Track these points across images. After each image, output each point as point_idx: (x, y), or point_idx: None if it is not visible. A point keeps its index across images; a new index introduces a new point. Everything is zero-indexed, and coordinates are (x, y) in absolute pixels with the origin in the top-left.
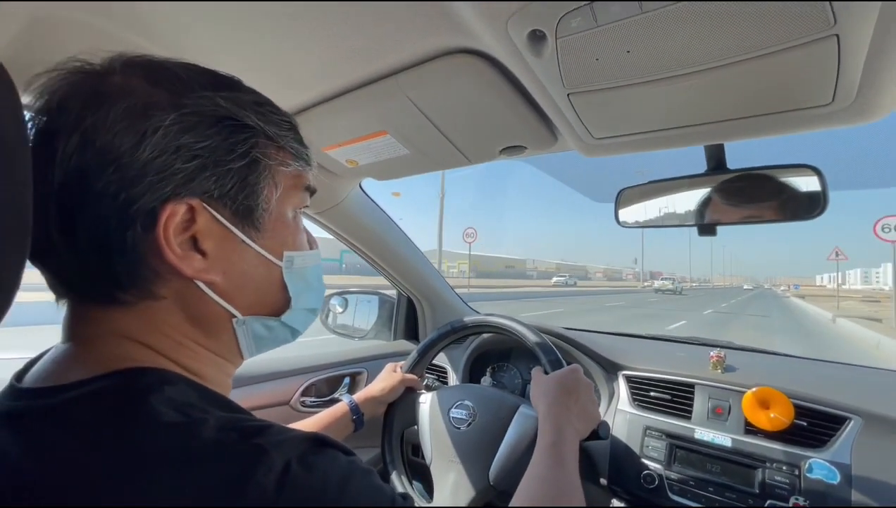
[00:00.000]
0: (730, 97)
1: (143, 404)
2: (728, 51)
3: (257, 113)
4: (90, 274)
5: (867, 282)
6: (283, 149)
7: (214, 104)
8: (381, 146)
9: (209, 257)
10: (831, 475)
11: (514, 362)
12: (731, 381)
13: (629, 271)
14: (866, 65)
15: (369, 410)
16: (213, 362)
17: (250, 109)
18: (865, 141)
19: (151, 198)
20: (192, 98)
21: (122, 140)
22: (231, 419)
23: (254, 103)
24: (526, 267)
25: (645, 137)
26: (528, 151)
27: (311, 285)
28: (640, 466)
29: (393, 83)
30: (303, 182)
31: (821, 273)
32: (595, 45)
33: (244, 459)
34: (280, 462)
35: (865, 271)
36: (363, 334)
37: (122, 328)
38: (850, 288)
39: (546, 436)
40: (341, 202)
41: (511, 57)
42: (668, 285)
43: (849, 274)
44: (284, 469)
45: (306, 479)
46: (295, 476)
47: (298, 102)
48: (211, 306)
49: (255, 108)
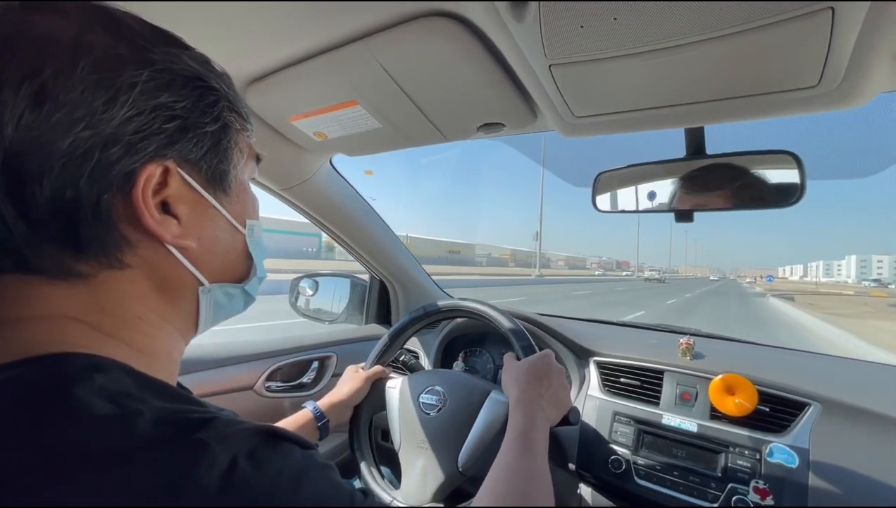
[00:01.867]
0: (715, 76)
1: (67, 394)
2: (719, 22)
3: (214, 74)
4: (43, 243)
5: (829, 275)
6: (240, 113)
7: (183, 62)
8: (351, 118)
9: (182, 222)
10: (790, 459)
11: (488, 347)
12: (699, 368)
13: (594, 260)
14: (857, 44)
15: (335, 416)
16: (168, 337)
17: (210, 70)
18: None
19: (131, 160)
20: (158, 54)
21: (93, 95)
22: (171, 411)
23: (206, 63)
24: (475, 253)
25: (626, 118)
26: (506, 130)
27: (264, 253)
28: (608, 451)
29: (363, 47)
30: (254, 150)
31: (783, 265)
32: (581, 11)
33: (182, 455)
34: (225, 458)
35: (827, 263)
36: (334, 317)
37: (66, 306)
38: (812, 281)
39: (516, 424)
40: (310, 179)
41: (491, 22)
42: (655, 275)
43: (811, 267)
44: (230, 466)
45: (255, 477)
46: (242, 474)
47: (259, 67)
48: (180, 274)
49: (212, 68)
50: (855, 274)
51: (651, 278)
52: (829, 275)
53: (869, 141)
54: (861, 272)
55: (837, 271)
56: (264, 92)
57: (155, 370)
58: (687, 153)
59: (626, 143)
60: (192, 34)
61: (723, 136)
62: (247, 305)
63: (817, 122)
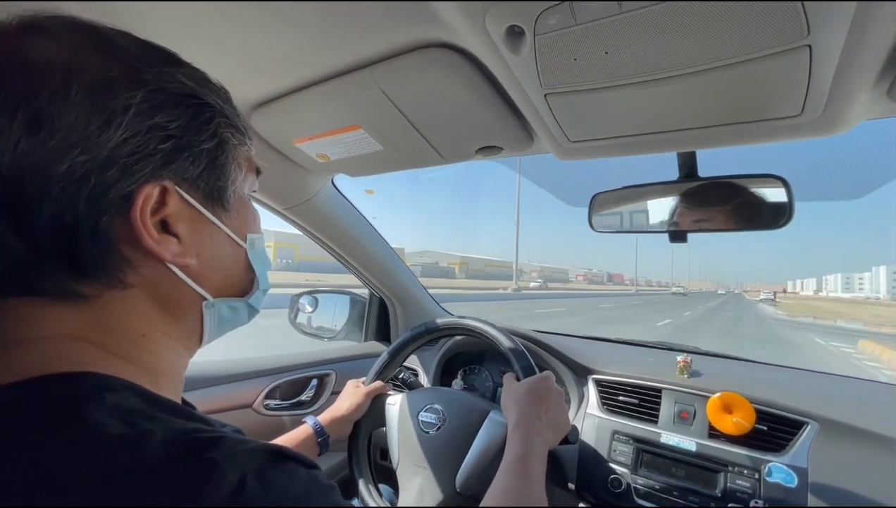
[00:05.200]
0: (703, 105)
1: (81, 413)
2: (704, 57)
3: (210, 90)
4: (44, 266)
5: (849, 289)
6: (237, 128)
7: (177, 81)
8: (354, 141)
9: (182, 240)
10: (789, 478)
11: (487, 365)
12: (696, 386)
13: (579, 273)
14: (835, 77)
15: (336, 431)
16: (173, 352)
17: (205, 85)
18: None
19: (128, 182)
20: (151, 74)
21: (87, 119)
22: (182, 431)
23: (203, 79)
24: (422, 260)
25: (620, 142)
26: (504, 152)
27: (267, 266)
28: (607, 470)
29: (366, 75)
30: (254, 163)
31: (793, 279)
32: (574, 45)
33: (194, 475)
34: (234, 477)
35: (847, 276)
36: (333, 334)
37: (70, 326)
38: (828, 296)
39: (514, 448)
40: (312, 198)
41: (489, 53)
42: (681, 290)
43: (827, 279)
44: (239, 485)
45: (262, 496)
46: (250, 493)
47: (267, 91)
48: (183, 291)
49: (207, 84)
50: (886, 287)
51: (678, 293)
52: (849, 289)
53: (858, 163)
54: (895, 285)
55: (859, 286)
56: (269, 116)
57: (161, 387)
58: (680, 175)
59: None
60: (198, 60)
61: (716, 158)
62: (251, 317)
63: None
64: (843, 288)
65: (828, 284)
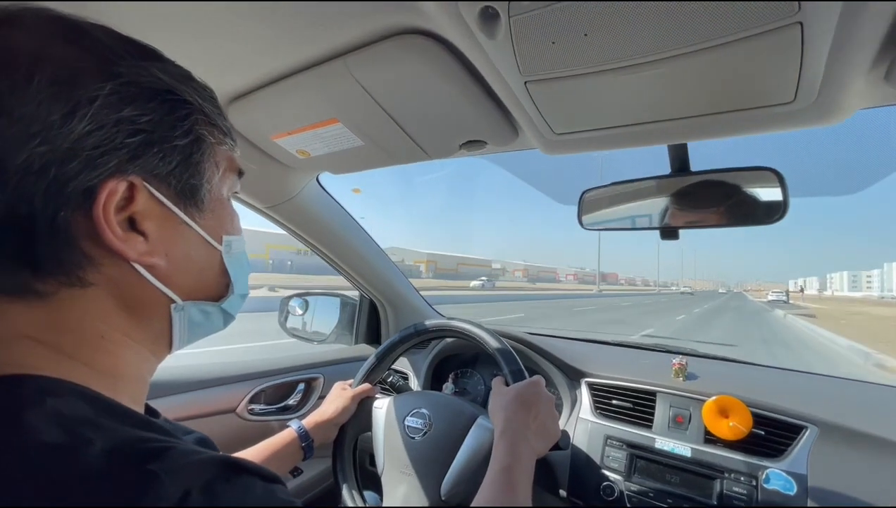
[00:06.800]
0: (691, 92)
1: (16, 419)
2: (689, 38)
3: (191, 88)
4: (0, 262)
5: (856, 288)
6: (217, 127)
7: (152, 75)
8: (333, 136)
9: (150, 238)
10: (788, 485)
11: (479, 368)
12: (691, 389)
13: (570, 272)
14: (829, 60)
15: (321, 435)
16: (135, 355)
17: (185, 83)
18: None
19: (90, 175)
20: (125, 66)
21: (49, 109)
22: (126, 440)
23: (184, 77)
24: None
25: (606, 134)
26: (489, 148)
27: (245, 270)
28: (600, 477)
29: (340, 65)
30: (236, 164)
31: (794, 278)
32: (551, 27)
33: (130, 488)
34: (176, 492)
35: (854, 274)
36: (323, 338)
37: (23, 325)
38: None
39: (499, 458)
40: (295, 197)
41: (464, 39)
42: (688, 290)
43: (831, 278)
44: (181, 500)
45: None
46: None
47: (241, 85)
48: (149, 292)
49: (188, 82)
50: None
51: (685, 292)
52: (857, 288)
53: (855, 158)
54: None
55: (867, 284)
56: (246, 110)
57: (118, 391)
58: (671, 170)
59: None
60: (169, 51)
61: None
62: (227, 323)
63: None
64: (849, 287)
65: (832, 282)
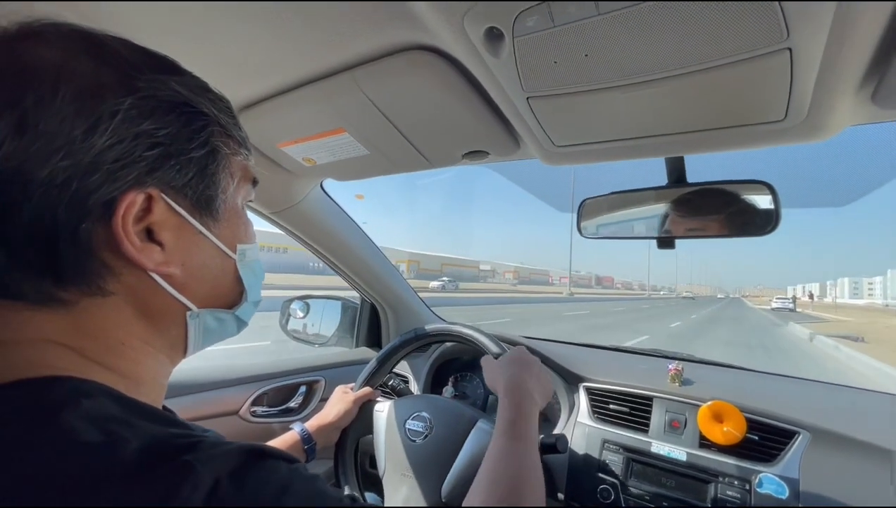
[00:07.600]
0: (686, 110)
1: (56, 419)
2: (683, 60)
3: (208, 99)
4: (23, 270)
5: (857, 295)
6: (233, 138)
7: (170, 89)
8: (339, 145)
9: (167, 248)
10: (780, 489)
11: (479, 372)
12: (687, 394)
13: (563, 275)
14: (817, 82)
15: (323, 438)
16: (154, 361)
17: (201, 95)
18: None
19: (110, 188)
20: (144, 80)
21: (72, 124)
22: (158, 436)
23: (201, 88)
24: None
25: (605, 147)
26: (490, 158)
27: (258, 278)
28: (597, 480)
29: (349, 78)
30: (250, 173)
31: (793, 284)
32: (553, 47)
33: (169, 479)
34: (209, 480)
35: (855, 280)
36: (324, 340)
37: (48, 331)
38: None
39: (506, 414)
40: (300, 202)
41: (470, 56)
42: (690, 295)
43: (832, 284)
44: (213, 487)
45: (236, 495)
46: (224, 494)
47: (250, 95)
48: (165, 300)
49: (205, 94)
50: None
51: (687, 297)
52: (858, 295)
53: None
54: None
55: (869, 291)
56: (254, 118)
57: (140, 394)
58: (668, 181)
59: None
60: (183, 58)
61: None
62: (240, 329)
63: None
64: (850, 294)
65: (834, 289)
